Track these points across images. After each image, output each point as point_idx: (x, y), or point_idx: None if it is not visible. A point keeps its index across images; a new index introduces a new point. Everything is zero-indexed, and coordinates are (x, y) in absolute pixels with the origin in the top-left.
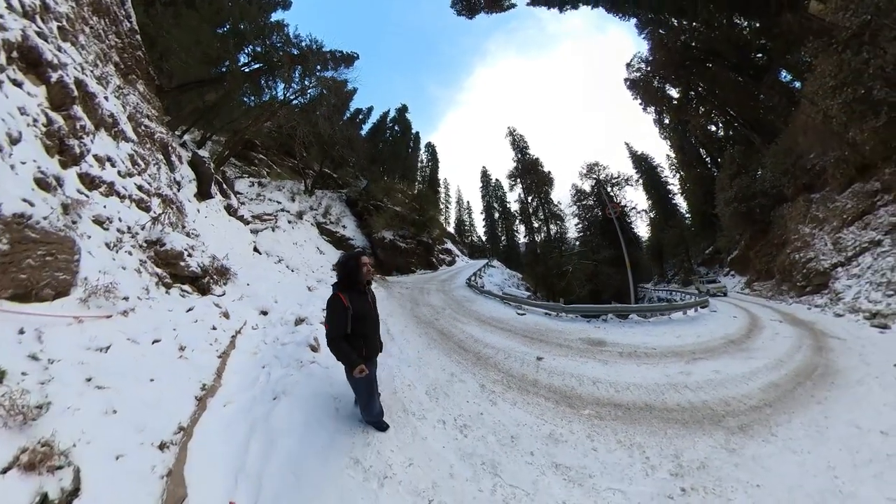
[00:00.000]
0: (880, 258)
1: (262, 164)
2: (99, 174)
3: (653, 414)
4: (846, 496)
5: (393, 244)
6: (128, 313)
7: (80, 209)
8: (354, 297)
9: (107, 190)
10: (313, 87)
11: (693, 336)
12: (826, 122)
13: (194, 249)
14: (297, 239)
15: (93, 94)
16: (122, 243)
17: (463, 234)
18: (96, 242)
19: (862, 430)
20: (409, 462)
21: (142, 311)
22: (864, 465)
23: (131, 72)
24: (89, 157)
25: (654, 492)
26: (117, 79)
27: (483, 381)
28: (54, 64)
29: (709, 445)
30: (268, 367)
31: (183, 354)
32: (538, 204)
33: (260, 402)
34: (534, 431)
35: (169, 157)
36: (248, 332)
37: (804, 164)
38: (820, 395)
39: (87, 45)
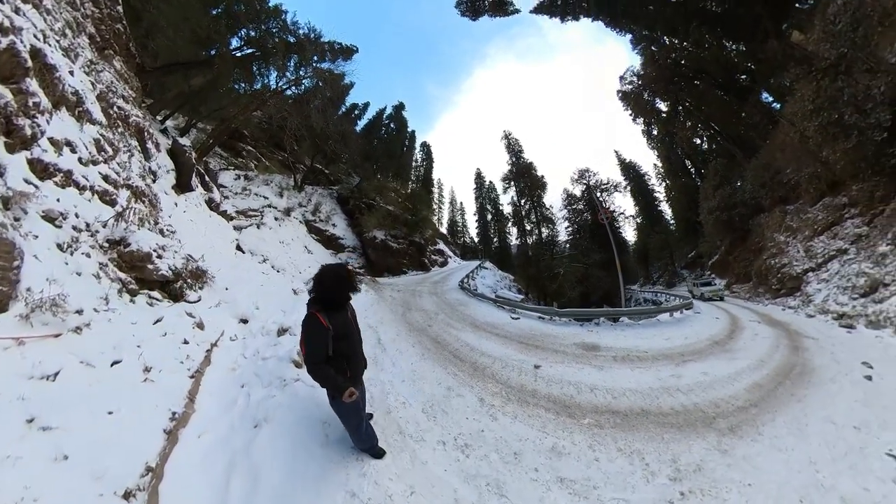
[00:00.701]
0: (846, 265)
1: (250, 156)
2: (54, 161)
3: (649, 419)
4: (827, 489)
5: (384, 244)
6: (81, 330)
7: (25, 203)
8: (333, 314)
9: (63, 180)
10: (308, 78)
11: (681, 338)
12: (803, 142)
13: (165, 249)
14: (284, 237)
15: (53, 66)
16: (79, 244)
17: (455, 235)
18: (45, 243)
19: (837, 426)
20: (411, 490)
21: (99, 325)
22: (841, 458)
23: (108, 46)
24: (43, 141)
25: (655, 498)
26: (90, 52)
27: (481, 394)
28: (4, 27)
29: (703, 448)
30: (247, 387)
31: (148, 377)
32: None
33: (240, 430)
34: (536, 446)
35: (144, 143)
36: (225, 345)
37: (781, 178)
38: (799, 393)
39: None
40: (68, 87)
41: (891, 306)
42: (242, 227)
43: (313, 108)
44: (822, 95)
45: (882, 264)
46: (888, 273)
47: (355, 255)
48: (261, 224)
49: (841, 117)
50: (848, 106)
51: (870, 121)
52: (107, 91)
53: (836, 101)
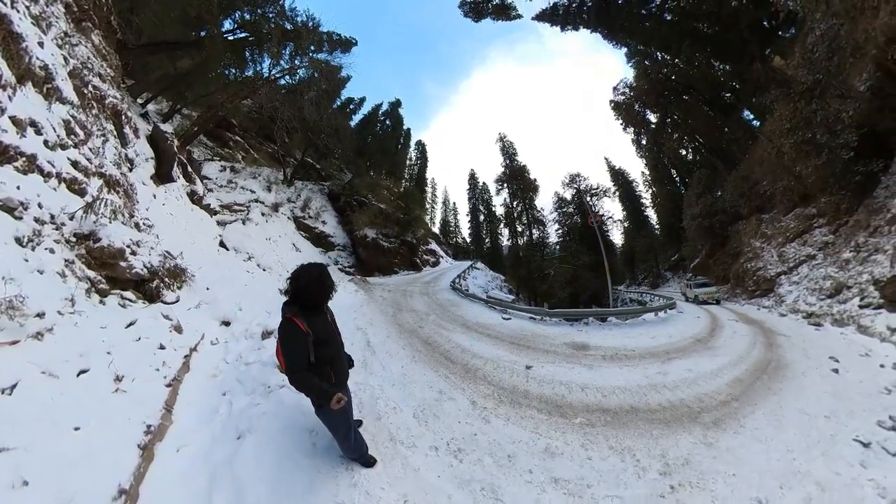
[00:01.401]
0: (815, 269)
1: (238, 146)
2: (15, 143)
3: (638, 416)
4: (803, 475)
5: (376, 243)
6: (43, 335)
7: None
8: (312, 318)
9: (25, 165)
10: (304, 67)
11: (665, 336)
12: (779, 157)
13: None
14: (271, 234)
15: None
16: (41, 238)
17: (448, 235)
18: (1, 237)
19: (810, 416)
20: (404, 499)
21: (63, 330)
22: (815, 445)
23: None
24: (3, 120)
25: (647, 493)
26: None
27: (474, 396)
28: None
29: (690, 442)
30: (229, 395)
31: (120, 387)
32: (523, 209)
33: (221, 441)
34: (530, 447)
35: (121, 128)
36: (205, 349)
37: (758, 189)
38: (775, 386)
39: None
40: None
41: (853, 306)
42: (227, 223)
43: (307, 100)
44: (798, 116)
45: (846, 269)
46: (850, 277)
47: (345, 254)
48: (247, 219)
49: (814, 137)
50: (820, 127)
51: (839, 141)
52: (81, 68)
53: (810, 121)
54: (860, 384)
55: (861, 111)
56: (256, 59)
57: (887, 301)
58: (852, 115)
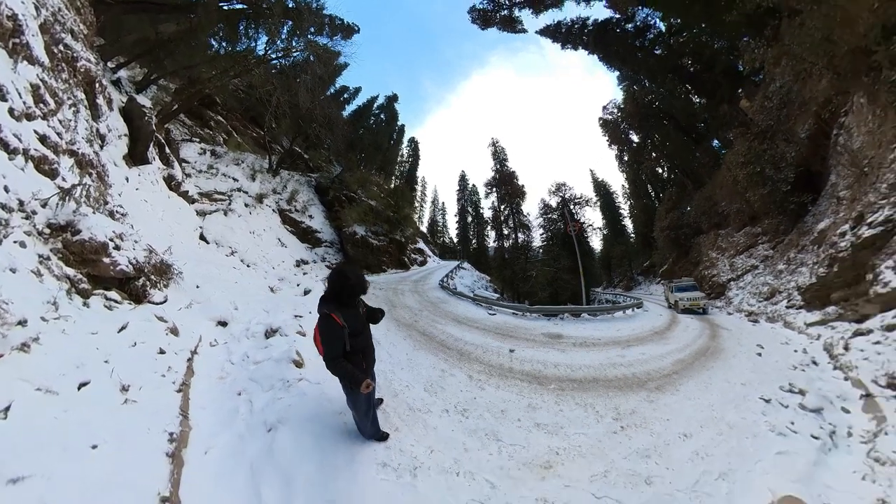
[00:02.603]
0: (756, 277)
1: (220, 127)
2: None
3: (599, 384)
4: (718, 419)
5: (364, 240)
6: (29, 346)
7: None
8: (347, 313)
9: None
10: (301, 50)
11: (629, 330)
12: (735, 184)
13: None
14: (254, 227)
15: None
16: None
17: (435, 235)
18: None
19: (731, 384)
20: (430, 449)
21: (51, 339)
22: (730, 402)
23: None
24: None
25: (604, 431)
26: None
27: (469, 372)
28: None
29: (637, 400)
30: (245, 394)
31: (128, 397)
32: (510, 213)
33: (251, 438)
34: (517, 405)
35: (94, 97)
36: (205, 352)
37: (717, 209)
38: (709, 364)
39: None
40: (5, 8)
41: (782, 307)
42: (207, 213)
43: (301, 85)
44: (752, 152)
45: (779, 278)
46: (782, 284)
47: (333, 251)
48: (228, 210)
49: (762, 170)
50: (768, 163)
51: (781, 176)
52: (52, 21)
53: (761, 157)
54: (775, 363)
55: (800, 154)
56: (251, 34)
57: (806, 303)
58: (793, 157)
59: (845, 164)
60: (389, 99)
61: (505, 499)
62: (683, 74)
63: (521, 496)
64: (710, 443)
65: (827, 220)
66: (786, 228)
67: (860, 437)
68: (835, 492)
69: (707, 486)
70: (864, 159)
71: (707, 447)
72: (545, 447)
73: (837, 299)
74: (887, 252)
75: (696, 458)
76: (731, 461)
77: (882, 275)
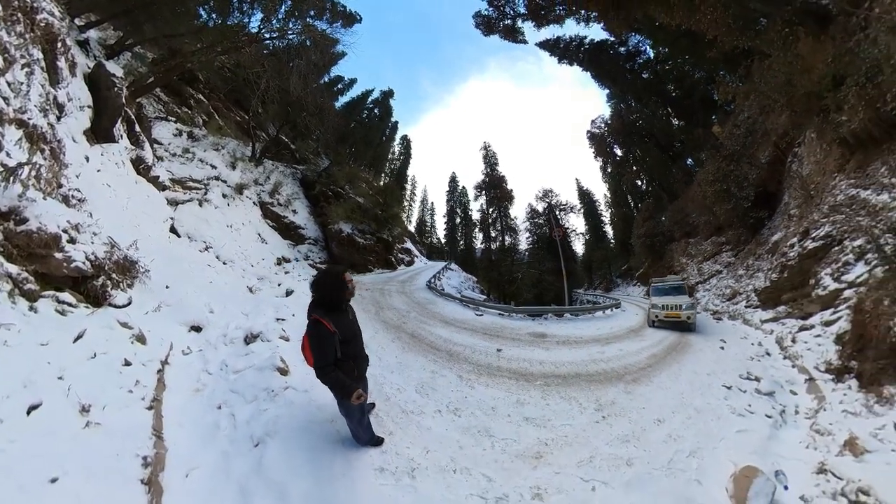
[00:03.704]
0: (720, 280)
1: (200, 107)
2: None
3: (581, 378)
4: (687, 405)
5: (350, 239)
6: None
7: None
8: (337, 318)
9: None
10: (297, 33)
11: (608, 328)
12: (704, 198)
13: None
14: (233, 220)
15: None
16: None
17: (423, 235)
18: None
19: (698, 374)
20: (427, 450)
21: None
22: (697, 389)
23: None
24: None
25: (587, 421)
26: None
27: (459, 372)
28: None
29: (615, 392)
30: (227, 407)
31: (90, 419)
32: (498, 216)
33: (237, 455)
34: (506, 401)
35: (55, 59)
36: (178, 361)
37: (688, 219)
38: (679, 358)
39: None
40: None
41: (741, 306)
42: (179, 202)
43: (294, 70)
44: (720, 172)
45: (740, 281)
46: (741, 286)
47: (317, 249)
48: (204, 200)
49: (728, 188)
50: (733, 182)
51: (743, 194)
52: None
53: (727, 177)
54: (735, 355)
55: (760, 176)
56: (245, 9)
57: (761, 303)
58: (754, 178)
59: (796, 187)
60: (385, 94)
61: (502, 490)
62: (666, 98)
63: (516, 486)
64: (681, 426)
65: (780, 234)
66: (746, 239)
67: (805, 414)
68: (785, 459)
69: (680, 463)
70: (812, 184)
71: (678, 430)
72: (535, 439)
73: (787, 300)
74: (826, 261)
75: (670, 439)
76: (699, 441)
77: (822, 280)
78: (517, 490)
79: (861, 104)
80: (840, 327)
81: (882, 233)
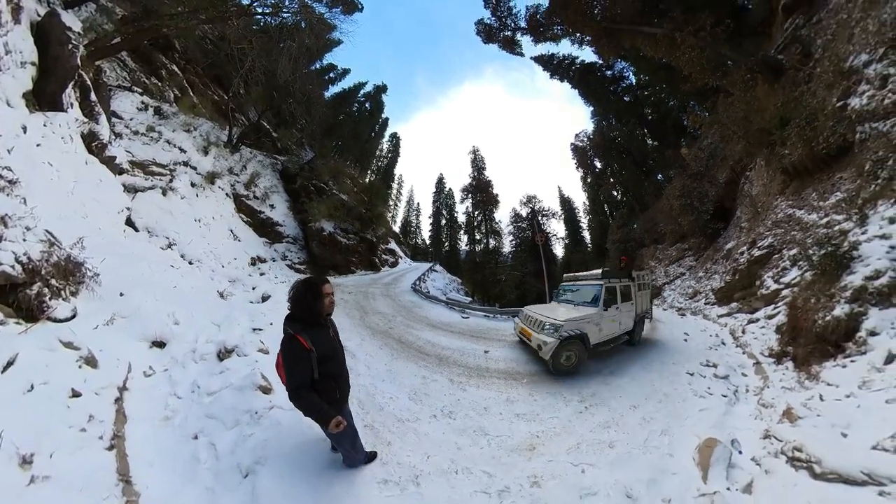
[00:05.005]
0: (684, 281)
1: (172, 80)
2: None
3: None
4: (656, 391)
5: (332, 238)
6: None
7: None
8: (315, 334)
9: None
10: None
11: None
12: (671, 210)
13: (8, 223)
14: (202, 213)
15: None
16: None
17: (408, 235)
18: None
19: (665, 364)
20: (427, 455)
21: None
22: (665, 377)
23: None
24: None
25: (572, 412)
26: None
27: (450, 376)
28: None
29: (596, 384)
30: (204, 436)
31: (35, 473)
32: (483, 219)
33: (224, 489)
34: (497, 400)
35: None
36: (139, 385)
37: (657, 228)
38: (649, 351)
39: None
40: None
41: (701, 303)
42: (139, 190)
43: (284, 52)
44: (685, 188)
45: (700, 282)
46: (701, 286)
47: (295, 248)
48: (169, 189)
49: (691, 203)
50: (695, 198)
51: (704, 208)
52: None
53: (691, 193)
54: (697, 346)
55: (718, 194)
56: None
57: (717, 301)
58: (713, 195)
59: (747, 205)
60: (378, 88)
61: (503, 483)
62: (643, 120)
63: (515, 477)
64: (653, 409)
65: (732, 242)
66: (705, 246)
67: (753, 392)
68: (738, 430)
69: (654, 441)
70: (759, 203)
71: (651, 413)
72: (527, 433)
73: (738, 298)
74: (769, 266)
75: (644, 422)
76: (669, 421)
77: (765, 281)
78: (516, 481)
79: (800, 142)
80: (779, 320)
81: (811, 245)
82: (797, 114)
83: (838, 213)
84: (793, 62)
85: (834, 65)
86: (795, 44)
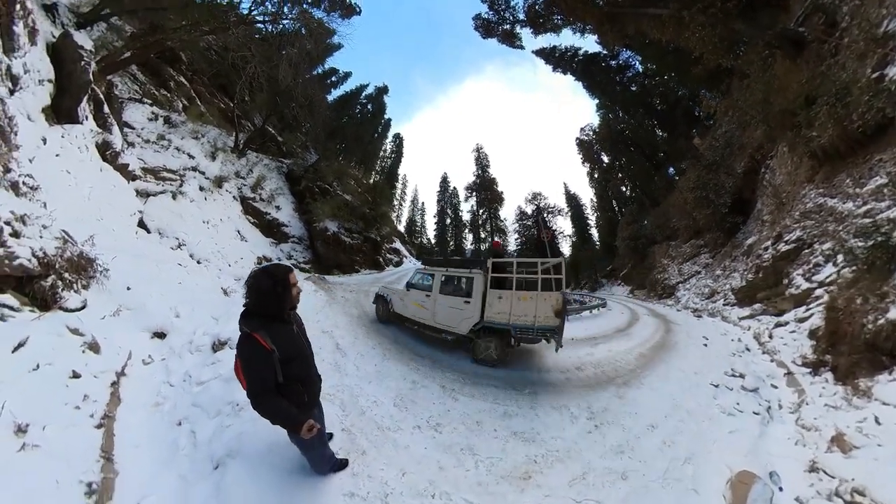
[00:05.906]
0: (699, 280)
1: (180, 91)
2: None
3: (571, 383)
4: (679, 407)
5: (336, 238)
6: None
7: None
8: (277, 331)
9: None
10: (292, 19)
11: (595, 328)
12: (685, 204)
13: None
14: (210, 216)
15: None
16: None
17: (413, 235)
18: None
19: (685, 373)
20: (402, 472)
21: None
22: (687, 389)
23: None
24: None
25: (579, 432)
26: None
27: (443, 382)
28: None
29: (607, 397)
30: (188, 424)
31: (27, 441)
32: (487, 217)
33: (196, 479)
34: (492, 414)
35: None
36: (137, 373)
37: (669, 224)
38: (666, 357)
39: None
40: None
41: (720, 304)
42: (151, 194)
43: (285, 58)
44: (700, 180)
45: (717, 281)
46: (719, 286)
47: (301, 248)
48: (179, 193)
49: (707, 195)
50: (712, 190)
51: (721, 201)
52: None
53: (707, 185)
54: (718, 352)
55: (736, 185)
56: None
57: (738, 301)
58: (731, 186)
59: (769, 195)
60: (379, 90)
61: None
62: (651, 111)
63: None
64: (674, 430)
65: (753, 237)
66: (723, 242)
67: (788, 409)
68: (776, 458)
69: (676, 471)
70: (783, 193)
71: (672, 435)
72: (523, 456)
73: (762, 298)
74: (798, 263)
75: (664, 446)
76: (693, 446)
77: (795, 280)
78: None
79: (830, 122)
80: (813, 323)
81: (851, 237)
82: (825, 90)
83: (879, 200)
84: (816, 34)
85: (865, 32)
86: (818, 13)
